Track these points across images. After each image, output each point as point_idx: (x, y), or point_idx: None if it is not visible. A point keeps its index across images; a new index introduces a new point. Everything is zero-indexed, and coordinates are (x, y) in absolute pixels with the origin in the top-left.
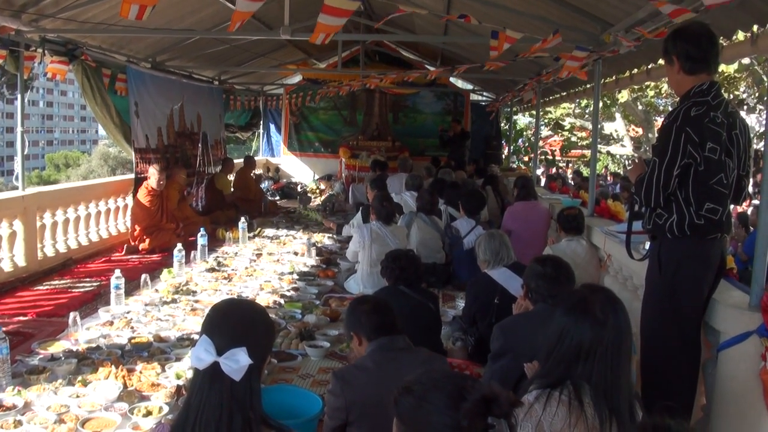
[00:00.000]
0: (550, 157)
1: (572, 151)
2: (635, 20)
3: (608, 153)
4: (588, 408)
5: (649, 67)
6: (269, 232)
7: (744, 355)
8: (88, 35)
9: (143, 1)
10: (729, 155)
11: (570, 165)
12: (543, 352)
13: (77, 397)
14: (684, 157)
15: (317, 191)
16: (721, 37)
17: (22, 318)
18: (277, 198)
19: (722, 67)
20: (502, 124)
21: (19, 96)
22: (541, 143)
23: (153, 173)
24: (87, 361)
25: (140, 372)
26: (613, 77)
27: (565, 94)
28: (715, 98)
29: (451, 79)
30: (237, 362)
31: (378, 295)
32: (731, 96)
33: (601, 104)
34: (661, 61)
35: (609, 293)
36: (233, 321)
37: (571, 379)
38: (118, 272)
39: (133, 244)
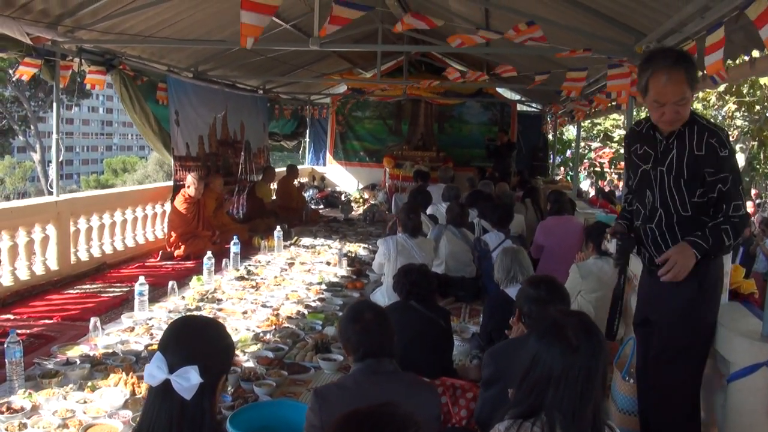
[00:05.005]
0: (598, 170)
1: (621, 163)
2: (666, 30)
3: None
4: None
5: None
6: (306, 241)
7: (753, 388)
8: (127, 45)
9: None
10: None
11: (621, 177)
12: (516, 379)
13: (84, 402)
14: None
15: (361, 200)
16: (755, 50)
17: (47, 321)
18: (321, 207)
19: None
20: (549, 135)
21: (54, 104)
22: (592, 155)
23: (191, 181)
24: (101, 366)
25: None
26: None
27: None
28: None
29: (498, 90)
30: (188, 380)
31: (374, 311)
32: None
33: None
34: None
35: (584, 317)
36: (187, 338)
37: (544, 410)
38: (142, 279)
39: (168, 250)
